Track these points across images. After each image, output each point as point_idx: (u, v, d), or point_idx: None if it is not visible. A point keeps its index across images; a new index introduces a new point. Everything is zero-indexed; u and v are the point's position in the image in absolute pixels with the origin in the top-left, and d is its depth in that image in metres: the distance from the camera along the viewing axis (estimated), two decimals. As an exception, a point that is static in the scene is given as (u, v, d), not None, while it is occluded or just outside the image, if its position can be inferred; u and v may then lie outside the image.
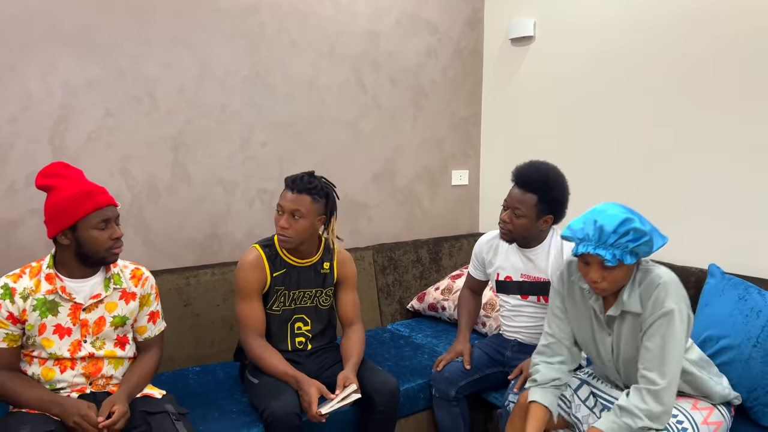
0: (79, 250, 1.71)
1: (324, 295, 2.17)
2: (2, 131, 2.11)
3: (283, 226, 2.00)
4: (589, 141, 2.85)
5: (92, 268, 1.77)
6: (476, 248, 2.39)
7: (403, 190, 3.18)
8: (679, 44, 2.47)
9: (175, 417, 1.72)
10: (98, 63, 2.26)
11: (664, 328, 1.63)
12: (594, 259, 1.65)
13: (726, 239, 2.37)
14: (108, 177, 2.31)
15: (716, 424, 1.75)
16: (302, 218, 1.99)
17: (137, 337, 1.90)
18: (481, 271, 2.39)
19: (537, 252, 2.20)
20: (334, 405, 1.85)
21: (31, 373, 1.73)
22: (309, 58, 2.76)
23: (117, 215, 1.77)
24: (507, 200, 2.14)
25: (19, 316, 1.69)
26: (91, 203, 1.68)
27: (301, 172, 2.05)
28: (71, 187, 1.69)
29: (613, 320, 1.77)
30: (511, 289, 2.26)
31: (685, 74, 2.46)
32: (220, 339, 2.46)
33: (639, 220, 1.64)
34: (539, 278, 2.19)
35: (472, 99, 3.37)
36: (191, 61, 2.46)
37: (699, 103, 2.42)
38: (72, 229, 1.68)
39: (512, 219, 2.12)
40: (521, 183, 2.10)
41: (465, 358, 2.23)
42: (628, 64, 2.66)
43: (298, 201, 1.99)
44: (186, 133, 2.48)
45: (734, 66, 2.30)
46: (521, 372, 2.10)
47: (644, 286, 1.69)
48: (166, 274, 2.37)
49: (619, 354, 1.78)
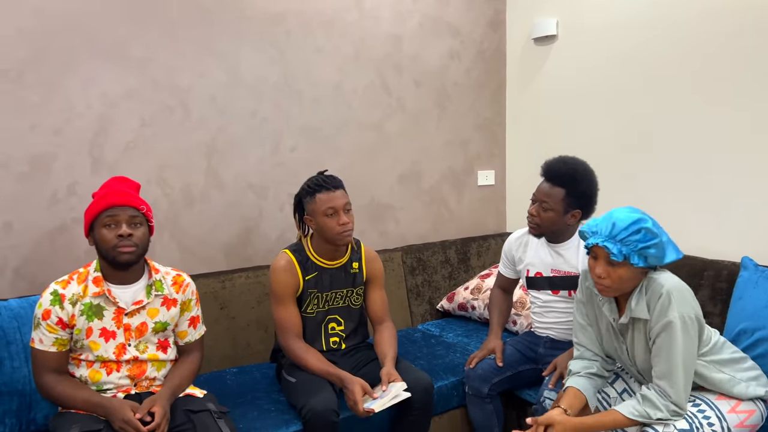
0: (100, 252, 1.80)
1: (355, 295, 2.21)
2: (47, 143, 2.20)
3: (345, 222, 2.05)
4: (614, 138, 2.85)
5: (122, 271, 1.81)
6: (506, 246, 2.42)
7: (429, 191, 3.21)
8: (701, 41, 2.46)
9: (216, 415, 1.77)
10: (134, 75, 2.34)
11: (666, 341, 1.66)
12: (602, 252, 1.68)
13: (759, 232, 2.35)
14: (145, 185, 2.38)
15: (747, 412, 1.75)
16: (351, 207, 2.09)
17: (178, 341, 1.96)
18: (511, 269, 2.41)
19: (566, 247, 2.21)
20: (385, 403, 1.87)
21: (78, 375, 1.80)
22: (334, 63, 2.82)
23: (134, 216, 1.78)
24: (535, 194, 2.17)
25: (68, 321, 1.75)
26: (102, 203, 1.77)
27: (316, 175, 2.12)
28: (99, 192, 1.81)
29: (626, 328, 1.79)
30: (541, 285, 2.28)
31: (707, 65, 2.45)
32: (255, 340, 2.52)
33: (653, 224, 1.67)
34: (570, 273, 2.20)
35: (496, 99, 3.39)
36: (221, 70, 2.52)
37: (724, 97, 2.41)
38: (91, 230, 1.79)
39: (540, 212, 2.14)
40: (549, 177, 2.13)
41: (497, 355, 2.25)
42: (650, 61, 2.66)
43: (346, 196, 2.08)
44: (218, 140, 2.55)
45: (761, 54, 2.28)
46: (555, 368, 2.11)
47: (650, 294, 1.71)
48: (202, 278, 2.43)
49: (635, 360, 1.81)
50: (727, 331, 2.07)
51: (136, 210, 1.79)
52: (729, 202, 2.44)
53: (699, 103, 2.50)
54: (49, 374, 1.75)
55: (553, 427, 1.70)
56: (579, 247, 2.19)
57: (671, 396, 1.64)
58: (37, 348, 1.75)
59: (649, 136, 2.71)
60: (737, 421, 1.73)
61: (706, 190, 2.51)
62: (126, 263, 1.77)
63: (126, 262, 1.77)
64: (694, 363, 1.70)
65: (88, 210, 1.79)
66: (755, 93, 2.32)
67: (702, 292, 2.30)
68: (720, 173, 2.46)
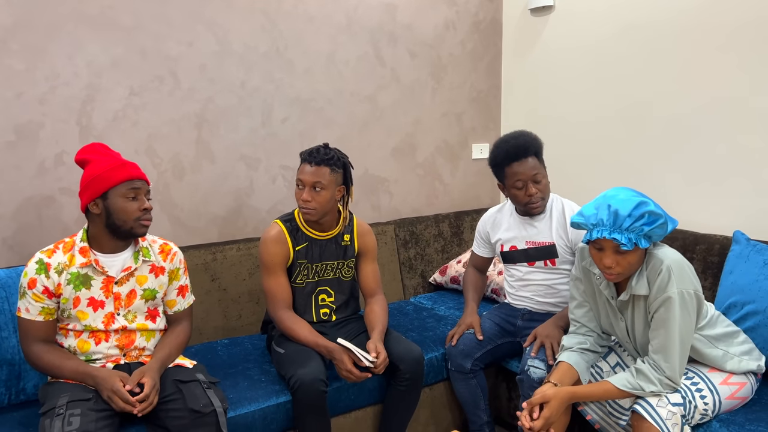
0: (109, 221, 1.76)
1: (346, 267, 2.21)
2: (33, 111, 2.17)
3: (305, 199, 2.03)
4: (610, 111, 2.82)
5: (122, 241, 1.82)
6: (479, 225, 2.42)
7: (423, 164, 3.18)
8: (700, 11, 2.42)
9: (206, 385, 1.77)
10: (122, 43, 2.29)
11: (664, 316, 1.65)
12: (609, 244, 1.65)
13: (751, 205, 2.34)
14: (134, 155, 2.36)
15: (738, 384, 1.76)
16: (323, 190, 2.02)
17: (167, 311, 1.96)
18: (486, 247, 2.41)
19: (539, 218, 2.21)
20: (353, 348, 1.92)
21: (67, 345, 1.80)
22: (327, 33, 2.77)
23: (147, 190, 1.83)
24: (523, 175, 2.11)
25: (54, 290, 1.74)
26: (123, 173, 1.76)
27: (316, 145, 2.08)
28: (106, 161, 1.77)
29: (625, 305, 1.78)
30: (517, 258, 2.28)
31: (706, 40, 2.41)
32: (246, 312, 2.52)
33: (653, 204, 1.64)
34: (544, 243, 2.20)
35: (491, 71, 3.35)
36: (211, 38, 2.48)
37: (722, 69, 2.37)
38: (103, 197, 1.75)
39: (541, 189, 2.13)
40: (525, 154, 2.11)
41: (476, 329, 2.25)
42: (648, 32, 2.61)
43: (318, 173, 2.01)
44: (208, 111, 2.51)
45: (759, 31, 2.25)
46: (536, 338, 2.11)
47: (650, 269, 1.70)
48: (193, 250, 2.42)
49: (635, 337, 1.81)
50: (717, 305, 2.07)
51: (146, 182, 1.83)
52: (722, 176, 2.42)
53: (697, 76, 2.47)
54: (37, 344, 1.75)
55: (548, 403, 1.71)
56: (552, 217, 2.20)
57: (665, 371, 1.64)
58: (24, 317, 1.74)
59: (644, 108, 2.68)
60: (728, 393, 1.74)
61: (700, 164, 2.49)
62: (142, 235, 1.82)
63: (142, 235, 1.82)
64: (691, 338, 1.69)
65: (102, 177, 1.74)
66: (753, 68, 2.28)
67: (694, 265, 2.25)
68: (714, 148, 2.43)
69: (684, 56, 2.50)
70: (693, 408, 1.68)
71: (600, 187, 1.75)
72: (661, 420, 1.62)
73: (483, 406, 2.26)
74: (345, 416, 2.13)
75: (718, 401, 1.72)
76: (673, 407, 1.64)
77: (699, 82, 2.46)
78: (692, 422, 1.69)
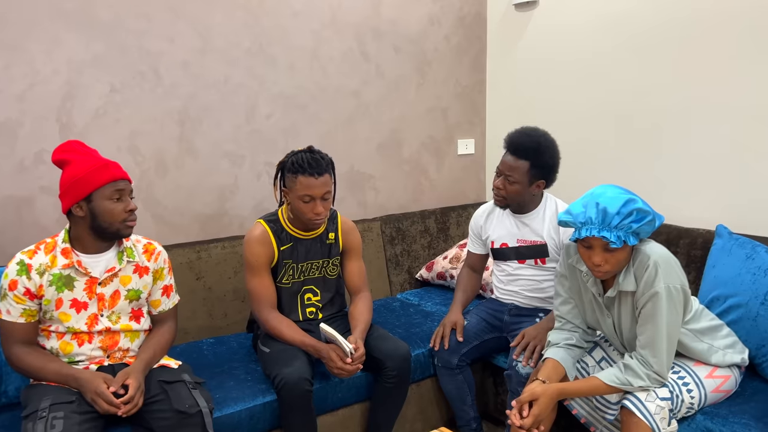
0: (94, 223, 1.73)
1: (331, 265, 2.19)
2: (11, 109, 2.12)
3: (319, 213, 2.00)
4: (595, 105, 2.84)
5: (106, 242, 1.79)
6: (472, 222, 2.42)
7: (409, 160, 3.18)
8: (684, 4, 2.43)
9: (191, 386, 1.76)
10: (101, 39, 2.25)
11: (651, 311, 1.66)
12: (598, 242, 1.65)
13: (733, 199, 2.37)
14: (116, 153, 2.32)
15: (723, 377, 1.78)
16: (329, 196, 2.03)
17: (152, 311, 1.93)
18: (479, 244, 2.40)
19: (532, 216, 2.22)
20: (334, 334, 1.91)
21: (49, 347, 1.77)
22: (311, 28, 2.74)
23: (131, 190, 1.80)
24: (500, 167, 2.16)
25: (36, 292, 1.71)
26: (107, 175, 1.72)
27: (306, 152, 2.02)
28: (87, 161, 1.72)
29: (612, 301, 1.79)
30: (508, 255, 2.28)
31: (690, 34, 2.43)
32: (232, 311, 2.50)
33: (641, 201, 1.65)
34: (536, 241, 2.21)
35: (476, 66, 3.35)
36: (193, 34, 2.44)
37: (706, 62, 2.39)
38: (87, 200, 1.71)
39: (505, 185, 2.14)
40: (513, 150, 2.11)
41: (458, 330, 2.25)
42: (632, 27, 2.63)
43: (326, 184, 1.99)
44: (191, 107, 2.48)
45: (743, 24, 2.27)
46: (523, 337, 2.12)
47: (637, 265, 1.70)
48: (177, 249, 2.39)
49: (622, 333, 1.82)
50: (700, 298, 2.09)
51: (129, 182, 1.80)
52: (705, 170, 2.44)
53: (680, 72, 2.49)
54: (18, 346, 1.72)
55: (537, 400, 1.71)
56: (545, 216, 2.20)
57: (653, 366, 1.65)
58: (5, 319, 1.71)
59: (628, 104, 2.69)
60: (714, 386, 1.76)
61: (683, 159, 2.51)
62: (127, 236, 1.80)
63: (128, 236, 1.80)
64: (678, 333, 1.71)
65: (84, 179, 1.69)
66: (737, 62, 2.30)
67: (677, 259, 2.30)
68: (697, 141, 2.46)
69: (668, 51, 2.52)
70: (680, 402, 1.69)
71: (584, 182, 1.75)
72: (650, 415, 1.63)
73: (470, 402, 2.26)
74: (332, 414, 2.12)
75: (703, 395, 1.74)
76: (662, 402, 1.65)
77: (683, 77, 2.48)
78: (678, 416, 1.71)
